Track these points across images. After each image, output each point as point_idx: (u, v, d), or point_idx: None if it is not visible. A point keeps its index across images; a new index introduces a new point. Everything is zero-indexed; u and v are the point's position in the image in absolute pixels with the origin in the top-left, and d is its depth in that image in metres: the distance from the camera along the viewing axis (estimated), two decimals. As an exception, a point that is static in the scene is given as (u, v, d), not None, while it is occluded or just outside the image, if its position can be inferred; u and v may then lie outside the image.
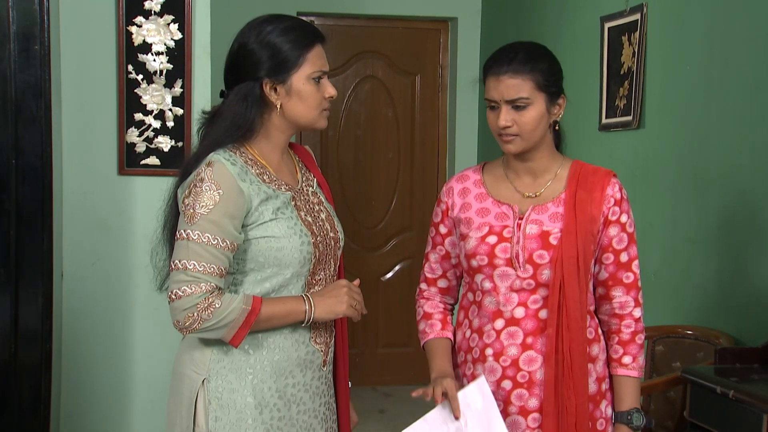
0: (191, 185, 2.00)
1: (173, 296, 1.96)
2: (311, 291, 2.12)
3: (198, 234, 1.96)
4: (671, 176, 3.72)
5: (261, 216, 2.03)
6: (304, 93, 2.08)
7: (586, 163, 2.28)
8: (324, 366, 2.17)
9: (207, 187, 1.98)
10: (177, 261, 1.97)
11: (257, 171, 2.07)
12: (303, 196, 2.16)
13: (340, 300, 2.09)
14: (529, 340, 2.18)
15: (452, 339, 2.34)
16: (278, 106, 2.08)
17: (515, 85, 2.15)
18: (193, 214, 1.97)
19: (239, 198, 2.00)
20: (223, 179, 1.99)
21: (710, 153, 3.49)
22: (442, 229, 2.33)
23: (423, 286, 2.40)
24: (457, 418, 2.11)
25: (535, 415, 2.17)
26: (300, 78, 2.08)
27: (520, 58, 2.17)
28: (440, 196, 2.35)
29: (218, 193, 1.98)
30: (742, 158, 3.30)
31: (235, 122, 2.06)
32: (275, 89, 2.08)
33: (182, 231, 1.98)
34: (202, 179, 1.99)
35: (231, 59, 2.11)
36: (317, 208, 2.17)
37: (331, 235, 2.16)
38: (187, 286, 1.95)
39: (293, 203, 2.11)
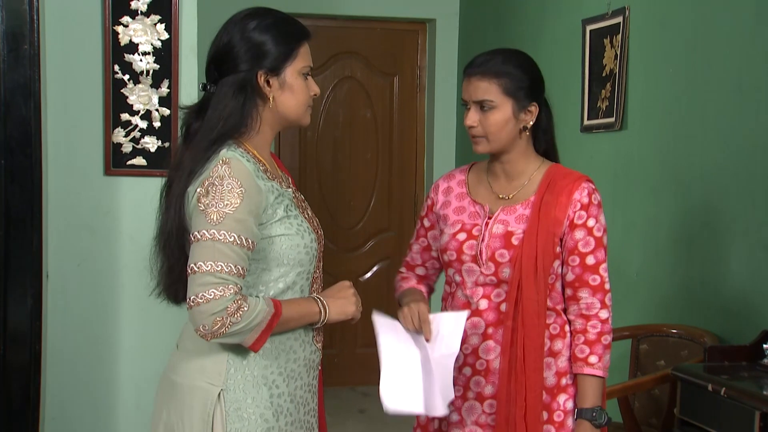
0: (208, 184, 1.93)
1: (199, 300, 1.86)
2: (312, 290, 2.13)
3: (224, 233, 1.89)
4: (653, 177, 3.78)
5: (275, 213, 2.00)
6: (296, 87, 2.07)
7: (562, 167, 2.35)
8: (320, 365, 2.18)
9: (228, 185, 1.92)
10: (201, 263, 1.88)
11: (262, 168, 2.04)
12: (294, 193, 2.15)
13: (350, 301, 2.09)
14: (490, 330, 2.29)
15: (425, 291, 2.47)
16: (271, 99, 2.05)
17: (482, 87, 2.26)
18: (217, 213, 1.90)
19: (258, 195, 1.96)
20: (243, 176, 1.94)
21: (692, 154, 3.54)
22: (426, 223, 2.47)
23: (402, 270, 2.53)
24: (428, 340, 2.21)
25: (491, 401, 2.28)
26: (293, 72, 2.06)
27: (492, 63, 2.27)
28: (429, 192, 2.48)
29: (241, 190, 1.92)
30: (724, 159, 3.36)
31: (232, 113, 2.01)
32: (268, 82, 2.05)
33: (204, 231, 1.90)
34: (221, 177, 1.92)
35: (218, 53, 2.06)
36: (304, 205, 2.17)
37: (320, 232, 2.16)
38: (216, 289, 1.86)
39: (294, 201, 2.10)
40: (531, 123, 2.29)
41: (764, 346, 2.83)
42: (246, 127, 2.04)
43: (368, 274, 6.04)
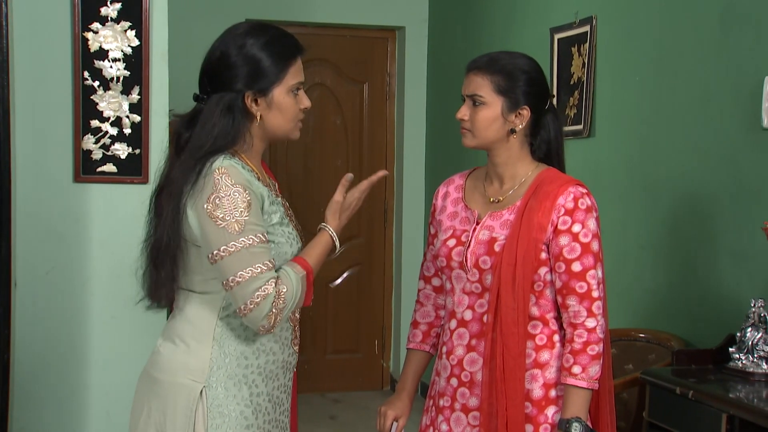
0: (214, 197, 2.00)
1: (250, 306, 1.99)
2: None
3: (252, 238, 2.00)
4: (621, 183, 3.82)
5: (270, 218, 2.09)
6: (284, 105, 2.12)
7: (554, 172, 2.29)
8: (296, 368, 2.26)
9: (235, 193, 2.00)
10: (241, 272, 1.99)
11: (255, 176, 2.11)
12: (283, 202, 2.22)
13: (351, 211, 2.28)
14: (474, 342, 2.27)
15: (429, 349, 2.48)
16: (258, 118, 2.11)
17: (476, 82, 2.26)
18: (237, 223, 1.99)
19: (257, 199, 2.05)
20: (243, 181, 2.03)
21: (659, 160, 3.59)
22: (431, 230, 2.45)
23: (420, 284, 2.49)
24: None
25: (475, 413, 2.27)
26: (281, 91, 2.11)
27: (492, 61, 2.27)
28: (433, 199, 2.46)
29: (246, 194, 2.01)
30: (691, 165, 3.41)
31: (222, 133, 2.07)
32: (256, 101, 2.10)
33: (234, 243, 1.99)
34: (225, 187, 2.00)
35: (211, 66, 2.12)
36: (290, 212, 2.23)
37: (304, 239, 2.23)
38: (260, 291, 1.99)
39: (284, 209, 2.17)
40: (520, 126, 2.26)
41: (730, 349, 2.87)
42: (237, 145, 2.11)
43: (338, 281, 6.05)
